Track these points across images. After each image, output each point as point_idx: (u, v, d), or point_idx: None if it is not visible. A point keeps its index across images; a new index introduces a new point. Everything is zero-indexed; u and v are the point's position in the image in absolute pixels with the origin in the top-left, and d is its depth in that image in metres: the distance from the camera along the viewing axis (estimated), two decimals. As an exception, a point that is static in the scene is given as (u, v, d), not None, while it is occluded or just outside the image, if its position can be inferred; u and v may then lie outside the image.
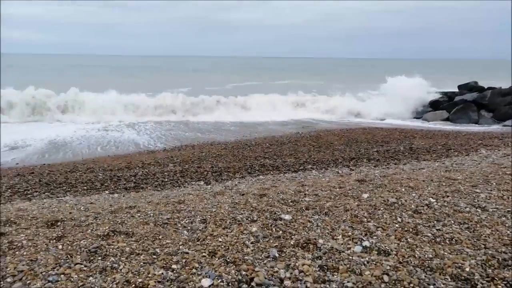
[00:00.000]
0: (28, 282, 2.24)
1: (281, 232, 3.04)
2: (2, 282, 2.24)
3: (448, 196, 3.82)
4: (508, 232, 2.90)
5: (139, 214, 3.62)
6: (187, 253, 2.65)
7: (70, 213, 3.78)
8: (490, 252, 2.57)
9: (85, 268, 2.42)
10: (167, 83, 31.90)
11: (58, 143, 11.19)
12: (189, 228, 3.18)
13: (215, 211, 3.59)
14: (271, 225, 3.17)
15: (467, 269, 2.36)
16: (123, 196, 5.33)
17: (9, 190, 6.16)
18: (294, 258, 2.57)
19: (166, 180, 6.89)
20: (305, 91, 22.49)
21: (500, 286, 2.19)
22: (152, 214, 3.59)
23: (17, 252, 2.66)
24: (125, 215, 3.62)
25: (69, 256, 2.58)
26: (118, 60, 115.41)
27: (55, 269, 2.39)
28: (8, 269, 2.37)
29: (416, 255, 2.57)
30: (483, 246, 2.69)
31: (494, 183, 4.27)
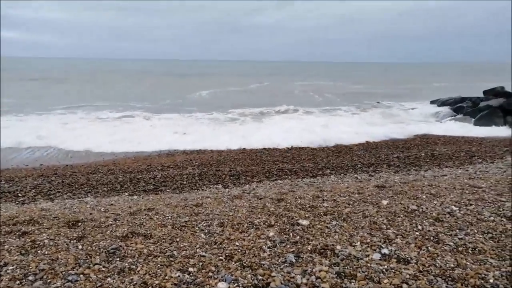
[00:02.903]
0: (49, 281, 2.29)
1: (298, 237, 3.01)
2: (24, 280, 2.29)
3: (471, 205, 3.71)
4: (535, 243, 2.79)
5: (157, 216, 3.65)
6: (204, 256, 2.66)
7: (91, 214, 3.86)
8: (515, 263, 2.48)
9: (103, 269, 2.46)
10: (201, 87, 33.82)
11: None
12: (206, 231, 3.19)
13: (232, 215, 3.60)
14: (288, 230, 3.15)
15: (491, 280, 2.28)
16: (142, 198, 5.40)
17: (33, 190, 6.33)
18: (311, 264, 2.54)
19: (185, 183, 6.95)
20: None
21: (526, 299, 2.11)
22: (170, 217, 3.62)
23: (39, 251, 2.72)
24: (144, 217, 3.66)
25: (88, 256, 2.63)
26: (141, 64, 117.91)
27: (74, 269, 2.44)
28: (30, 267, 2.43)
29: (437, 264, 2.50)
30: (508, 257, 2.59)
31: (521, 192, 4.13)
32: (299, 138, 11.60)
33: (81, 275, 2.36)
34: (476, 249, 2.72)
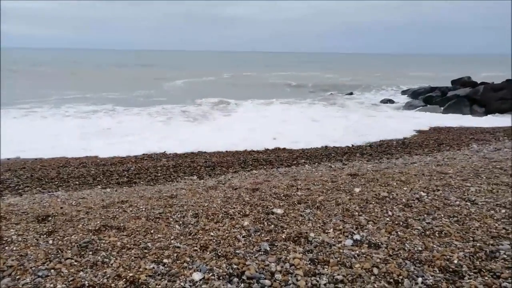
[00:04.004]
0: (18, 277, 2.23)
1: (272, 226, 3.05)
2: (-9, 277, 2.22)
3: (438, 190, 3.85)
4: (496, 225, 2.93)
5: (131, 209, 3.61)
6: (178, 247, 2.65)
7: (61, 208, 3.76)
8: (478, 244, 2.60)
9: (75, 263, 2.41)
10: (175, 76, 34.14)
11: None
12: (181, 222, 3.18)
13: (207, 206, 3.60)
14: (263, 219, 3.18)
15: (455, 261, 2.39)
16: (116, 191, 5.31)
17: (0, 185, 6.11)
18: (285, 251, 2.58)
19: (159, 174, 6.88)
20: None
21: (487, 278, 2.22)
22: (144, 209, 3.58)
23: (6, 247, 2.64)
24: (117, 209, 3.61)
25: (59, 251, 2.57)
26: (118, 54, 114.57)
27: (45, 264, 2.38)
28: (-2, 264, 2.36)
29: (406, 248, 2.59)
30: (471, 238, 2.72)
31: (484, 177, 4.32)
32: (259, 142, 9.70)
33: (52, 270, 2.31)
34: (442, 232, 2.84)
